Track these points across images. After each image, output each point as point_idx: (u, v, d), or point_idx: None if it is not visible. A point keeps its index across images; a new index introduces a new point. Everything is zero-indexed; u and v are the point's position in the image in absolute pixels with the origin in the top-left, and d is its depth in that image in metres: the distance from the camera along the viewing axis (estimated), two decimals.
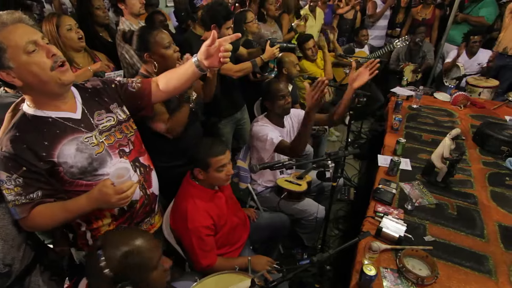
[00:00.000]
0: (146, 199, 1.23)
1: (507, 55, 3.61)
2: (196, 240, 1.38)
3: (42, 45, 0.92)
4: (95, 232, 1.17)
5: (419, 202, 1.65)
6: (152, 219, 1.33)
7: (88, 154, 1.04)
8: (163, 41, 1.51)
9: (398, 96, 2.91)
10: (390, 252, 1.38)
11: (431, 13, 3.88)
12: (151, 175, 1.26)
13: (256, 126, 1.89)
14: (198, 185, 1.46)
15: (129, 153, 1.17)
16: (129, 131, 1.20)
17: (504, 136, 2.04)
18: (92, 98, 1.12)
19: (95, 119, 1.10)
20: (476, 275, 1.29)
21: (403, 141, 2.03)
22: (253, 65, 2.13)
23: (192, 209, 1.40)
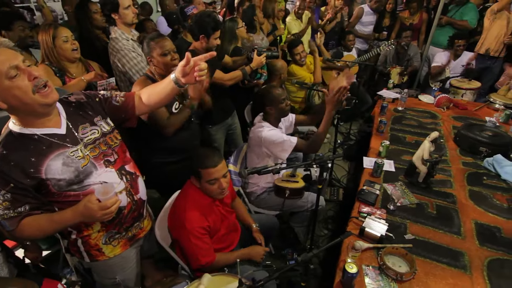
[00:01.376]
0: (134, 205, 1.29)
1: (489, 57, 3.74)
2: (194, 239, 1.41)
3: (24, 68, 0.94)
4: (86, 239, 1.22)
5: (401, 202, 1.73)
6: (141, 223, 1.39)
7: (75, 168, 1.07)
8: (162, 48, 1.62)
9: (384, 98, 3.01)
10: (372, 251, 1.46)
11: (419, 17, 4.00)
12: (137, 182, 1.31)
13: (264, 132, 1.89)
14: (198, 190, 1.49)
15: (114, 162, 1.21)
16: (113, 142, 1.24)
17: (483, 137, 2.14)
18: (76, 112, 1.16)
19: (79, 132, 1.13)
20: (452, 270, 1.37)
21: (386, 143, 2.11)
22: (243, 73, 2.22)
23: (190, 210, 1.43)
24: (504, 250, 1.47)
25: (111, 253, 1.30)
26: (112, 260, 1.32)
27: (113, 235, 1.28)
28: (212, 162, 1.40)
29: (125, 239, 1.34)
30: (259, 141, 1.91)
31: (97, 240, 1.24)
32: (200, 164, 1.41)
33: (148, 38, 1.63)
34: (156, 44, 1.59)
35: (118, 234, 1.29)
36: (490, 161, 2.03)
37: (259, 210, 2.12)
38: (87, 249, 1.25)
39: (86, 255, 1.26)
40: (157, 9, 4.09)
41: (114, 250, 1.30)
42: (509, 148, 2.10)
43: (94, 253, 1.26)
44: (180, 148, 1.81)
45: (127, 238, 1.34)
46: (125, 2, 2.16)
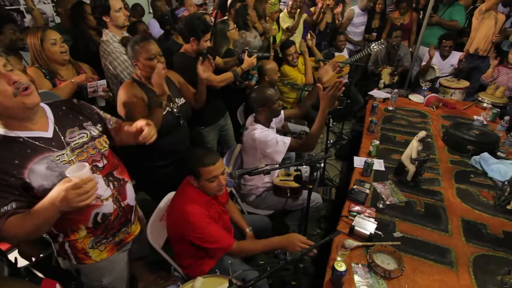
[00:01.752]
0: (121, 211, 1.29)
1: (478, 57, 3.82)
2: (205, 227, 1.42)
3: (4, 73, 0.94)
4: (73, 243, 1.22)
5: (390, 201, 1.77)
6: (128, 228, 1.39)
7: (59, 172, 1.05)
8: (148, 52, 1.61)
9: (375, 98, 3.05)
10: (362, 249, 1.49)
11: (409, 17, 4.05)
12: (125, 188, 1.31)
13: (257, 133, 1.90)
14: (197, 189, 1.51)
15: (102, 168, 1.21)
16: (102, 147, 1.23)
17: (470, 136, 2.19)
18: (65, 115, 1.16)
19: (67, 136, 1.12)
20: (439, 267, 1.41)
21: (376, 143, 2.15)
22: (235, 75, 2.23)
23: (191, 205, 1.45)
24: (490, 246, 1.51)
25: (98, 257, 1.30)
26: (99, 264, 1.32)
27: (100, 240, 1.28)
28: (211, 160, 1.44)
29: (112, 244, 1.34)
30: (253, 144, 1.92)
31: (83, 244, 1.25)
32: (199, 163, 1.43)
33: (132, 41, 1.61)
34: (142, 48, 1.58)
35: (105, 239, 1.30)
36: (477, 159, 2.07)
37: (252, 211, 2.14)
38: (74, 252, 1.25)
39: (73, 257, 1.27)
40: (149, 10, 4.08)
41: (101, 254, 1.31)
42: (495, 146, 2.16)
43: (81, 256, 1.27)
44: (170, 151, 1.82)
45: (114, 243, 1.34)
46: (116, 5, 2.15)
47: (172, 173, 1.83)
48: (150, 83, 1.64)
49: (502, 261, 1.43)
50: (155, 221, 1.57)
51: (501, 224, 1.64)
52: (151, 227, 1.53)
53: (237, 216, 1.83)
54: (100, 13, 2.19)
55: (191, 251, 1.53)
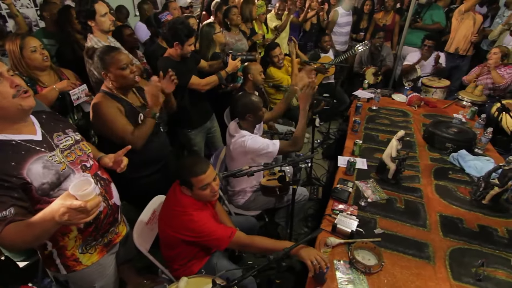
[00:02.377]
0: (109, 210, 1.33)
1: (458, 56, 3.94)
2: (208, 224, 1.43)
3: (7, 77, 1.01)
4: (62, 251, 1.23)
5: (372, 198, 1.82)
6: (116, 228, 1.42)
7: (55, 171, 1.11)
8: (119, 62, 1.58)
9: (360, 98, 3.12)
10: (344, 246, 1.54)
11: (391, 19, 4.15)
12: (111, 187, 1.36)
13: (248, 141, 1.89)
14: (190, 197, 1.51)
15: (90, 167, 1.27)
16: (87, 149, 1.30)
17: (449, 134, 2.27)
18: (48, 122, 1.21)
19: (54, 139, 1.18)
20: (417, 261, 1.46)
21: (359, 142, 2.21)
22: (219, 78, 2.26)
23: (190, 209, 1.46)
24: (465, 240, 1.58)
25: (88, 261, 1.31)
26: (90, 268, 1.33)
27: (90, 242, 1.30)
28: (201, 169, 1.43)
29: (102, 246, 1.36)
30: (243, 151, 1.92)
31: (73, 251, 1.26)
32: (190, 173, 1.43)
33: (100, 53, 1.58)
34: (112, 59, 1.55)
35: (95, 241, 1.31)
36: (455, 156, 2.15)
37: (242, 212, 2.17)
38: (63, 261, 1.26)
39: (62, 267, 1.27)
40: (135, 13, 4.07)
41: (91, 258, 1.32)
42: (472, 143, 2.24)
43: (71, 263, 1.27)
44: (152, 160, 1.81)
45: (103, 244, 1.36)
46: (101, 10, 2.15)
47: (156, 182, 1.84)
48: (121, 93, 1.63)
49: (476, 254, 1.50)
50: (141, 225, 1.59)
51: (477, 218, 1.71)
52: (137, 231, 1.54)
53: (224, 218, 1.85)
54: (85, 18, 2.19)
55: (184, 254, 1.55)
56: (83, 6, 2.12)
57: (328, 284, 1.35)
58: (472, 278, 1.38)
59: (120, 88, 1.65)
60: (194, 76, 2.18)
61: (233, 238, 1.42)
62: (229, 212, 2.12)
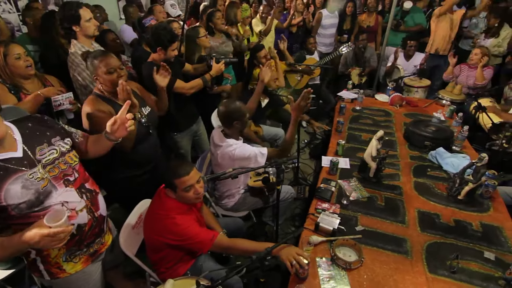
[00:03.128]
0: (94, 221, 1.32)
1: (439, 56, 4.06)
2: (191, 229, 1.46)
3: None
4: (45, 258, 1.23)
5: (354, 197, 1.88)
6: (102, 238, 1.42)
7: (35, 190, 1.08)
8: (107, 66, 1.61)
9: (344, 99, 3.19)
10: (326, 244, 1.59)
11: (374, 20, 4.25)
12: (97, 199, 1.34)
13: (235, 151, 1.90)
14: (175, 200, 1.53)
15: (74, 181, 1.23)
16: (73, 161, 1.26)
17: (427, 133, 2.35)
18: (33, 133, 1.16)
19: (37, 154, 1.13)
20: (395, 256, 1.53)
21: (342, 142, 2.27)
22: (204, 81, 2.28)
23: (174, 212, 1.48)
24: (442, 234, 1.65)
25: (72, 270, 1.31)
26: (74, 276, 1.32)
27: (74, 251, 1.29)
28: (184, 170, 1.46)
29: (87, 255, 1.35)
30: (231, 160, 1.92)
31: (57, 258, 1.25)
32: (173, 175, 1.45)
33: (91, 56, 1.62)
34: (101, 63, 1.59)
35: (79, 250, 1.31)
36: (433, 154, 2.24)
37: (230, 214, 2.20)
38: (47, 268, 1.26)
39: (46, 273, 1.27)
40: (120, 16, 4.06)
41: (75, 266, 1.32)
42: (450, 141, 2.33)
43: (55, 271, 1.27)
44: (142, 161, 1.84)
45: (88, 254, 1.36)
46: (86, 15, 2.16)
47: (146, 182, 1.87)
48: (113, 96, 1.65)
49: (451, 247, 1.57)
50: (127, 229, 1.61)
51: (453, 213, 1.79)
52: (124, 235, 1.56)
53: (210, 220, 1.88)
54: (70, 23, 2.18)
55: (169, 257, 1.57)
56: (67, 11, 2.12)
57: (310, 280, 1.40)
58: (447, 271, 1.45)
59: (111, 92, 1.68)
60: (178, 80, 2.20)
61: (215, 241, 1.45)
62: (216, 214, 2.16)
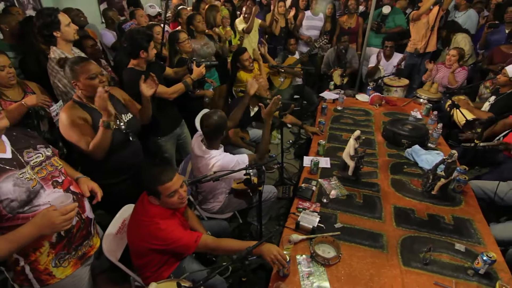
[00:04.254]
0: (82, 223, 1.36)
1: (417, 55, 4.20)
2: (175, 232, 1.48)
3: None
4: (34, 265, 1.24)
5: (333, 195, 1.95)
6: (90, 241, 1.44)
7: (26, 188, 1.13)
8: (89, 72, 1.62)
9: (326, 100, 3.27)
10: (306, 241, 1.65)
11: (355, 22, 4.35)
12: (83, 201, 1.38)
13: (217, 163, 1.91)
14: (158, 206, 1.54)
15: (62, 182, 1.29)
16: (58, 164, 1.32)
17: (404, 131, 2.45)
18: (18, 139, 1.23)
19: (24, 157, 1.20)
20: (372, 250, 1.59)
21: (323, 142, 2.34)
22: (186, 85, 2.30)
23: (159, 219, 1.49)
24: (416, 228, 1.73)
25: (62, 274, 1.32)
26: (64, 281, 1.34)
27: (63, 256, 1.31)
28: (167, 177, 1.47)
29: (75, 259, 1.37)
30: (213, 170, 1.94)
31: (46, 265, 1.27)
32: (157, 182, 1.46)
33: (70, 63, 1.62)
34: (82, 68, 1.60)
35: (68, 254, 1.33)
36: (409, 151, 2.33)
37: (215, 216, 2.23)
38: (37, 276, 1.26)
39: (35, 281, 1.27)
40: (101, 20, 4.03)
41: (65, 271, 1.33)
42: (425, 138, 2.43)
43: (45, 277, 1.28)
44: (124, 168, 1.84)
45: (77, 257, 1.38)
46: (65, 20, 2.15)
47: (127, 188, 1.87)
48: (92, 103, 1.65)
49: (425, 240, 1.65)
50: (110, 234, 1.62)
51: (427, 207, 1.88)
52: (107, 241, 1.58)
53: (195, 223, 1.91)
54: (50, 29, 2.17)
55: (155, 261, 1.59)
56: (46, 18, 2.11)
57: (290, 278, 1.45)
58: (420, 263, 1.52)
59: (90, 98, 1.67)
60: (160, 85, 2.21)
61: (199, 242, 1.48)
62: (201, 217, 2.18)
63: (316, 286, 1.41)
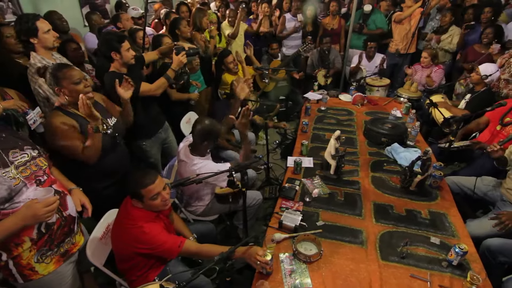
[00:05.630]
0: (63, 221, 1.40)
1: (398, 55, 4.31)
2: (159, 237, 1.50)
3: None
4: (17, 260, 1.28)
5: (316, 194, 2.00)
6: (72, 238, 1.48)
7: (7, 186, 1.18)
8: (73, 78, 1.63)
9: (310, 100, 3.33)
10: (289, 240, 1.69)
11: (338, 23, 4.44)
12: (66, 199, 1.43)
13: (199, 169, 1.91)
14: (142, 209, 1.56)
15: (44, 181, 1.34)
16: (43, 164, 1.38)
17: (384, 130, 2.52)
18: (6, 140, 1.28)
19: (10, 156, 1.25)
20: (352, 246, 1.65)
21: (306, 143, 2.39)
22: (167, 78, 2.23)
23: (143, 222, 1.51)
24: (394, 223, 1.80)
25: (44, 271, 1.36)
26: (47, 278, 1.38)
27: (45, 252, 1.35)
28: (149, 180, 1.50)
29: (58, 255, 1.41)
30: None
31: (29, 260, 1.31)
32: (139, 185, 1.48)
33: (52, 69, 1.63)
34: (65, 74, 1.61)
35: (50, 251, 1.37)
36: (389, 149, 2.41)
37: (200, 218, 2.25)
38: (20, 270, 1.30)
39: (19, 276, 1.31)
40: (84, 23, 3.99)
41: (48, 267, 1.37)
42: (404, 136, 2.51)
43: (27, 272, 1.32)
44: (111, 172, 1.84)
45: (59, 254, 1.42)
46: (44, 27, 2.14)
47: (114, 192, 1.88)
48: (76, 109, 1.66)
49: (403, 235, 1.72)
50: (95, 239, 1.63)
51: (405, 203, 1.95)
52: (91, 247, 1.58)
53: (180, 226, 1.93)
54: (27, 35, 2.15)
55: (140, 265, 1.60)
56: (23, 24, 2.10)
57: (273, 276, 1.50)
58: (397, 257, 1.59)
59: (75, 104, 1.67)
60: (143, 83, 2.18)
61: (182, 247, 1.52)
62: (187, 220, 2.20)
63: (298, 283, 1.46)
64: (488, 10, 3.68)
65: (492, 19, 3.70)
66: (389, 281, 1.46)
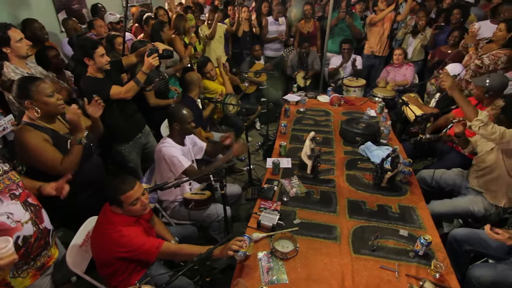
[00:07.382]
0: (40, 233, 1.41)
1: (374, 56, 4.47)
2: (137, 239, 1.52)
3: None
4: None
5: (293, 193, 2.08)
6: (49, 251, 1.49)
7: None
8: (45, 90, 1.62)
9: (289, 102, 3.42)
10: (267, 239, 1.76)
11: (313, 26, 4.55)
12: (41, 212, 1.44)
13: (164, 147, 2.04)
14: (121, 214, 1.59)
15: (19, 195, 1.35)
16: (16, 178, 1.39)
17: (358, 129, 2.64)
18: None
19: None
20: (326, 242, 1.73)
21: (284, 144, 2.47)
22: (136, 82, 2.20)
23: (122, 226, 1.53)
24: (366, 219, 1.89)
25: (20, 286, 1.36)
26: None
27: (21, 266, 1.35)
28: (128, 186, 1.53)
29: (34, 269, 1.41)
30: (159, 155, 2.06)
31: (4, 275, 1.30)
32: (119, 191, 1.51)
33: (22, 82, 1.59)
34: (38, 87, 1.59)
35: (26, 264, 1.37)
36: (363, 148, 2.52)
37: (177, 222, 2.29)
38: None
39: None
40: (60, 29, 3.94)
41: (24, 282, 1.37)
42: (377, 135, 2.63)
43: None
44: (84, 184, 1.85)
45: (35, 268, 1.41)
46: (16, 36, 2.12)
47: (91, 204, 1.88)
48: (46, 122, 1.65)
49: (374, 229, 1.81)
50: (75, 247, 1.64)
51: (377, 199, 2.06)
52: (71, 254, 1.60)
53: (161, 230, 1.96)
54: None
55: (121, 270, 1.63)
56: None
57: (251, 274, 1.56)
58: (368, 250, 1.68)
59: (45, 117, 1.66)
60: (114, 86, 2.16)
61: (161, 248, 1.55)
62: (169, 223, 2.24)
63: (275, 279, 1.53)
64: (457, 12, 3.88)
65: (461, 20, 3.91)
66: (360, 273, 1.55)
